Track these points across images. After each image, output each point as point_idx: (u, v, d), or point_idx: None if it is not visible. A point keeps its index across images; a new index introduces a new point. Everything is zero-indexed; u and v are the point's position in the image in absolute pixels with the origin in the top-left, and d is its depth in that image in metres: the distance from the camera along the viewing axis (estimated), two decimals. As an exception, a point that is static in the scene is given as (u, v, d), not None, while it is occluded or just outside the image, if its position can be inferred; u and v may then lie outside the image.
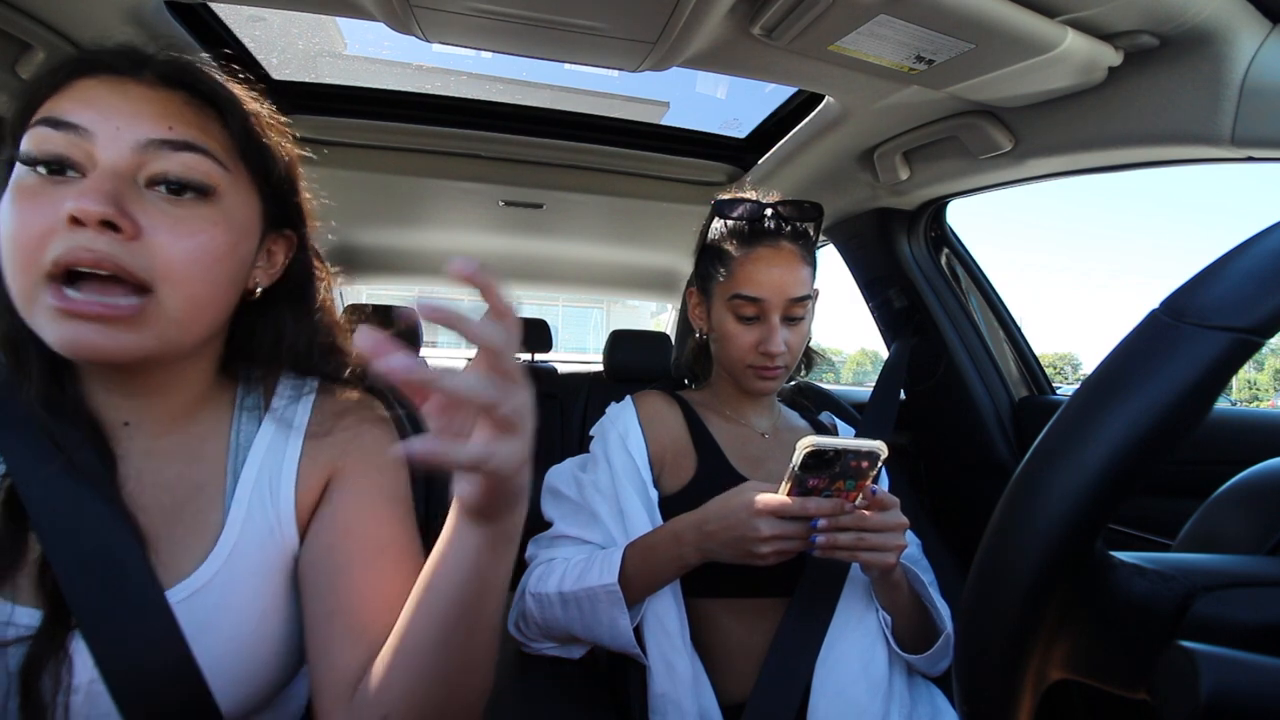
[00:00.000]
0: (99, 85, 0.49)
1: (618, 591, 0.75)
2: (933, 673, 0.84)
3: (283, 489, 0.59)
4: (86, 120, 0.47)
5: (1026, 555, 0.30)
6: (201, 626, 0.51)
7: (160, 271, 0.48)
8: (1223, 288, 0.29)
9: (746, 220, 0.89)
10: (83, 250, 0.45)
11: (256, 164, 0.56)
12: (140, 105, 0.49)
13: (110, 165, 0.47)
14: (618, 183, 1.58)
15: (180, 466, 0.56)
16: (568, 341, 18.79)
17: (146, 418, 0.56)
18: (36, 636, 0.47)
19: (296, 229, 0.62)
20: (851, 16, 0.74)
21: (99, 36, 0.88)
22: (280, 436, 0.60)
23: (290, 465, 0.59)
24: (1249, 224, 36.20)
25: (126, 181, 0.48)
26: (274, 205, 0.58)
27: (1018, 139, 0.98)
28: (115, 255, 0.46)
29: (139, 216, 0.47)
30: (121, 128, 0.48)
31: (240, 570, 0.54)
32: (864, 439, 0.66)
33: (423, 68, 1.52)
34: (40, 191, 0.46)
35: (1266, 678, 0.27)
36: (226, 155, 0.53)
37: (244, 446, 0.59)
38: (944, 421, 1.43)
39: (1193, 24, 0.70)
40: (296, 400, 0.63)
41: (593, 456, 0.93)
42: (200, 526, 0.55)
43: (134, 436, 0.55)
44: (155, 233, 0.48)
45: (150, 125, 0.49)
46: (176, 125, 0.50)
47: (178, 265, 0.48)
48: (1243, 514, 0.42)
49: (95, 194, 0.45)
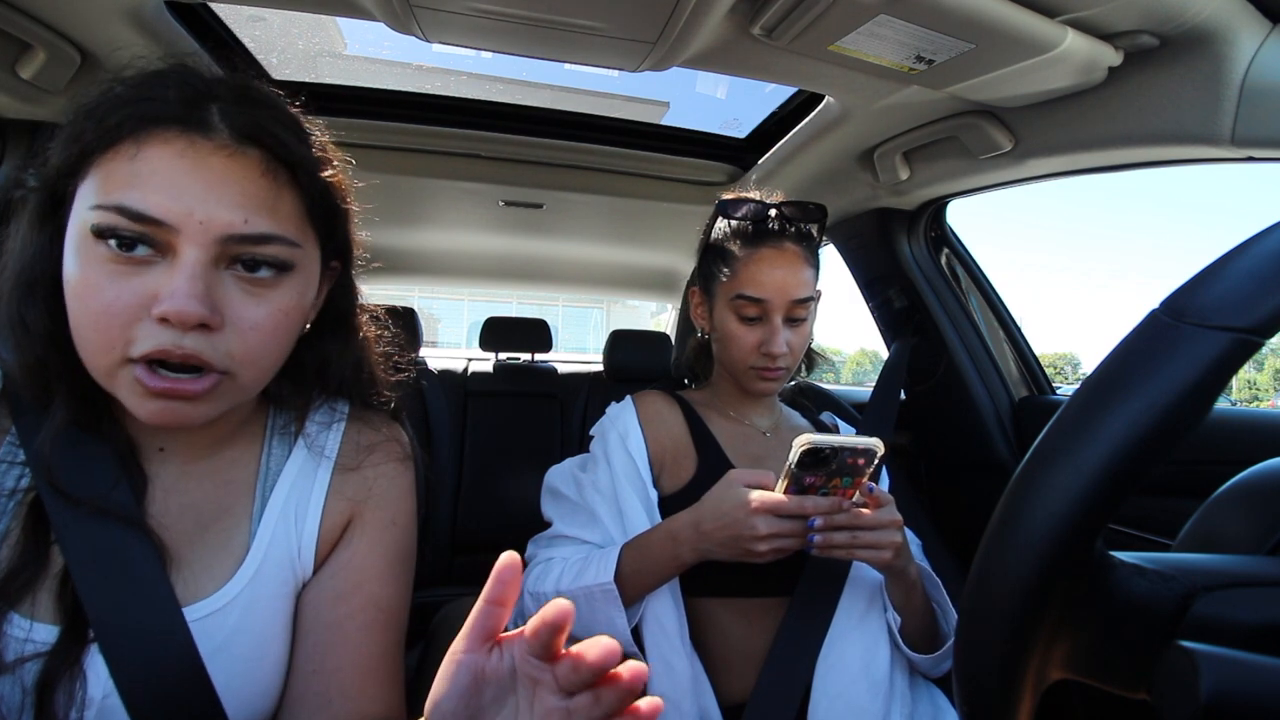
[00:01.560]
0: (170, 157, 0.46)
1: (614, 590, 0.75)
2: (936, 674, 0.84)
3: (308, 519, 0.59)
4: (167, 213, 0.45)
5: (1026, 555, 0.30)
6: (218, 646, 0.51)
7: (239, 357, 0.49)
8: (1223, 288, 0.29)
9: (750, 220, 0.89)
10: (174, 347, 0.45)
11: (325, 224, 0.55)
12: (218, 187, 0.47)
13: (197, 263, 0.46)
14: (618, 183, 1.58)
15: (210, 489, 0.57)
16: (568, 341, 18.80)
17: (183, 444, 0.57)
18: (52, 652, 0.47)
19: (344, 260, 0.62)
20: (851, 16, 0.74)
21: (99, 36, 0.89)
22: (310, 464, 0.61)
23: (319, 496, 0.60)
24: (1249, 224, 36.20)
25: (212, 275, 0.47)
26: (330, 248, 0.58)
27: (1018, 139, 0.98)
28: (201, 351, 0.46)
29: (222, 307, 0.47)
30: (204, 221, 0.46)
31: (261, 594, 0.55)
32: (860, 436, 0.66)
33: (423, 68, 1.52)
34: (118, 272, 0.45)
35: (1266, 678, 0.27)
36: (300, 228, 0.52)
37: (274, 471, 0.59)
38: (944, 421, 1.43)
39: (1193, 24, 0.70)
40: (328, 427, 0.63)
41: (592, 456, 0.93)
42: (225, 548, 0.55)
43: (168, 461, 0.56)
44: (236, 319, 0.48)
45: (229, 215, 0.47)
46: (252, 214, 0.48)
47: (255, 348, 0.49)
48: (1243, 514, 0.42)
49: (189, 295, 0.45)
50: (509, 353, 2.02)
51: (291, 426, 0.62)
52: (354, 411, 0.65)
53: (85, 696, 0.47)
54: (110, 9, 0.84)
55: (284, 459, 0.60)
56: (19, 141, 1.01)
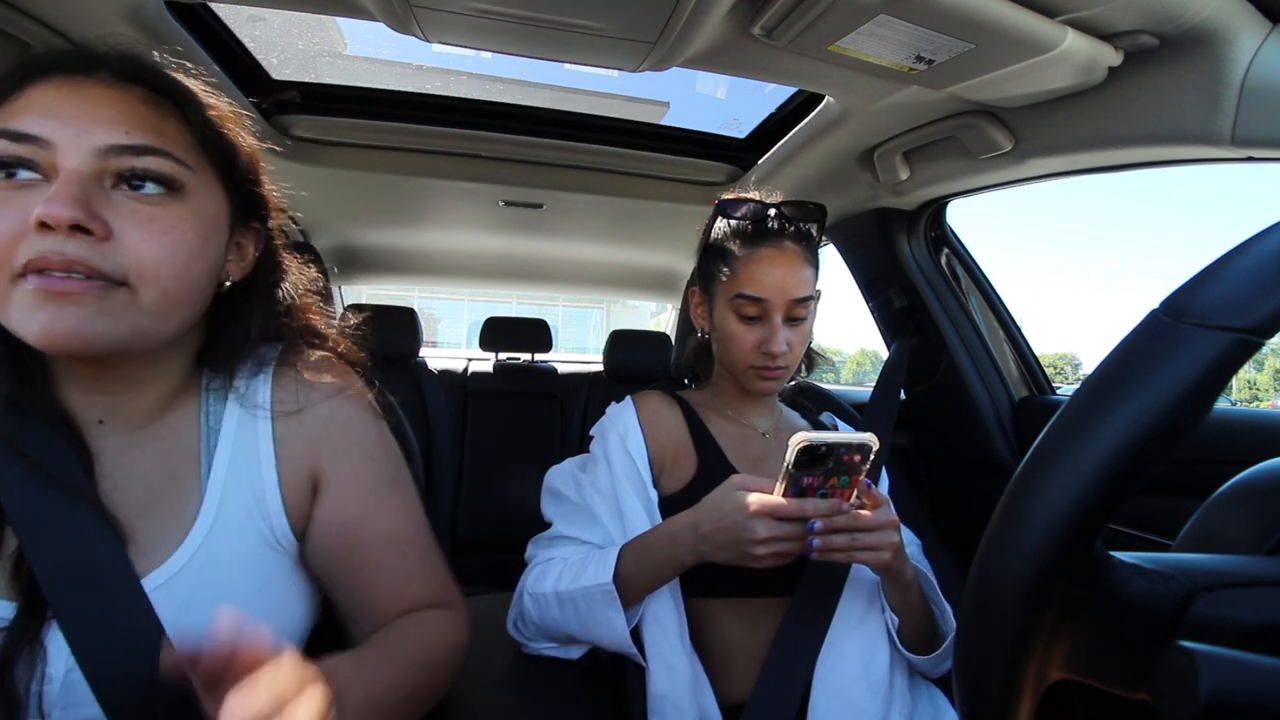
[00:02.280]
0: (53, 90, 0.49)
1: (612, 591, 0.75)
2: (935, 674, 0.84)
3: (263, 473, 0.59)
4: (45, 130, 0.47)
5: (1026, 555, 0.30)
6: (178, 611, 0.51)
7: (133, 269, 0.48)
8: (1223, 288, 0.29)
9: (750, 220, 0.89)
10: (53, 253, 0.45)
11: (219, 158, 0.56)
12: (97, 109, 0.49)
13: (74, 170, 0.47)
14: (618, 183, 1.58)
15: (156, 458, 0.57)
16: (568, 341, 18.79)
17: (121, 414, 0.56)
18: (10, 628, 0.48)
19: (263, 221, 0.62)
20: (851, 16, 0.74)
21: (99, 37, 0.88)
22: (248, 418, 0.60)
23: (266, 448, 0.59)
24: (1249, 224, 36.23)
25: (92, 185, 0.48)
26: (240, 199, 0.59)
27: (1018, 139, 0.98)
28: (87, 257, 0.46)
29: (109, 218, 0.48)
30: (80, 134, 0.48)
31: (218, 553, 0.55)
32: (855, 433, 0.66)
33: (423, 68, 1.53)
34: (5, 198, 0.46)
35: (1266, 678, 0.27)
36: (188, 152, 0.53)
37: (214, 430, 0.59)
38: (944, 421, 1.43)
39: (1193, 24, 0.70)
40: (255, 377, 0.62)
41: (592, 457, 0.93)
42: (178, 514, 0.55)
43: (109, 434, 0.56)
44: (125, 233, 0.48)
45: (107, 130, 0.48)
46: (134, 129, 0.49)
47: (150, 261, 0.49)
48: (1243, 514, 0.42)
49: (63, 199, 0.45)
50: (509, 353, 2.02)
51: (225, 383, 0.61)
52: (283, 357, 0.64)
53: (45, 672, 0.48)
54: (110, 9, 0.84)
55: (221, 414, 0.60)
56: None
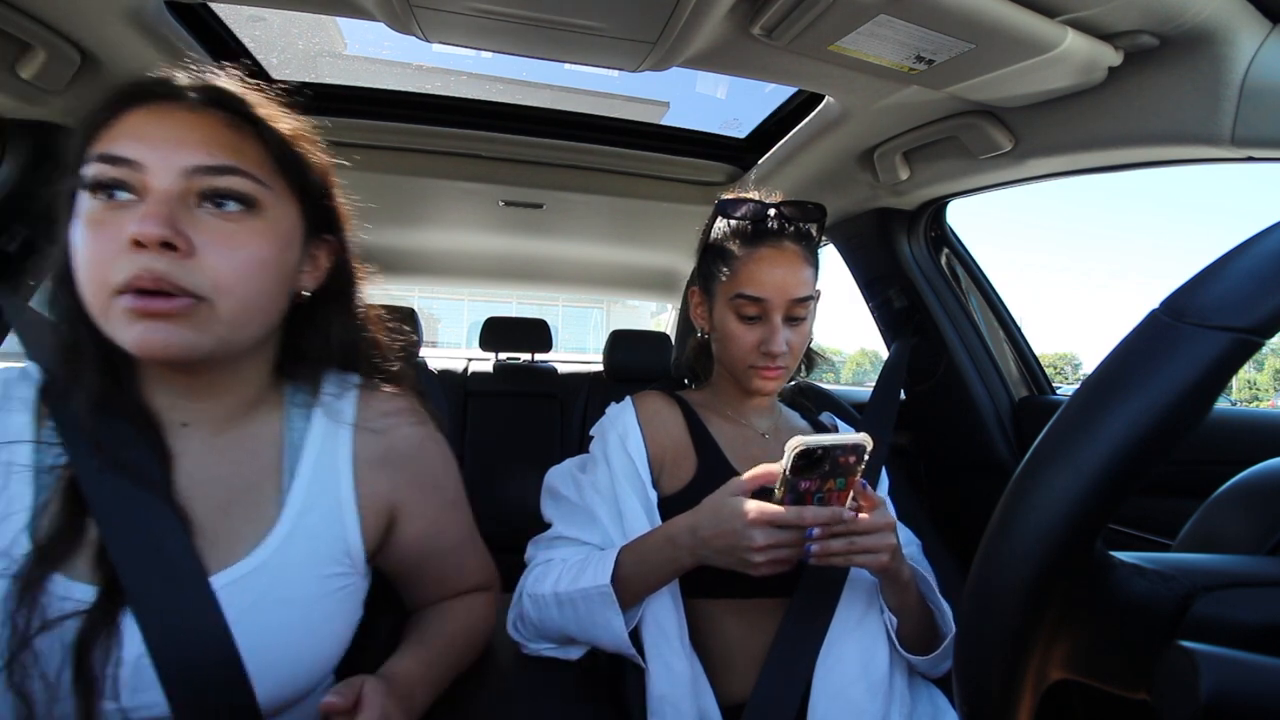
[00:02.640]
0: (143, 117, 0.54)
1: (610, 592, 0.75)
2: (935, 674, 0.84)
3: (341, 488, 0.63)
4: (137, 153, 0.52)
5: (1026, 555, 0.30)
6: (245, 609, 0.54)
7: (212, 283, 0.53)
8: (1223, 288, 0.29)
9: (750, 220, 0.89)
10: (145, 273, 0.50)
11: (293, 175, 0.60)
12: (183, 132, 0.54)
13: (162, 191, 0.52)
14: (618, 183, 1.58)
15: (235, 463, 0.61)
16: (568, 341, 18.78)
17: (204, 418, 0.61)
18: (90, 611, 0.51)
19: (336, 233, 0.67)
20: (851, 16, 0.73)
21: (99, 36, 0.89)
22: (331, 429, 0.65)
23: (345, 461, 0.64)
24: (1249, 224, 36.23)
25: (178, 204, 0.53)
26: (313, 212, 0.63)
27: (1018, 139, 0.98)
28: (173, 274, 0.51)
29: (192, 234, 0.52)
30: (168, 156, 0.53)
31: (292, 558, 0.58)
32: (848, 433, 0.66)
33: (423, 68, 1.53)
34: (104, 219, 0.52)
35: (1266, 678, 0.27)
36: (264, 170, 0.57)
37: (297, 442, 0.64)
38: (944, 421, 1.43)
39: (1193, 24, 0.70)
40: (341, 395, 0.67)
41: (592, 457, 0.93)
42: (253, 518, 0.59)
43: (191, 436, 0.60)
44: (207, 248, 0.53)
45: (192, 152, 0.53)
46: (216, 150, 0.54)
47: (227, 275, 0.54)
48: (1243, 514, 0.42)
49: (154, 218, 0.50)
50: (509, 353, 2.02)
51: (308, 399, 0.66)
52: (364, 382, 0.70)
53: (120, 655, 0.51)
54: (110, 9, 0.84)
55: (305, 430, 0.64)
56: (19, 141, 1.01)
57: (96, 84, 0.95)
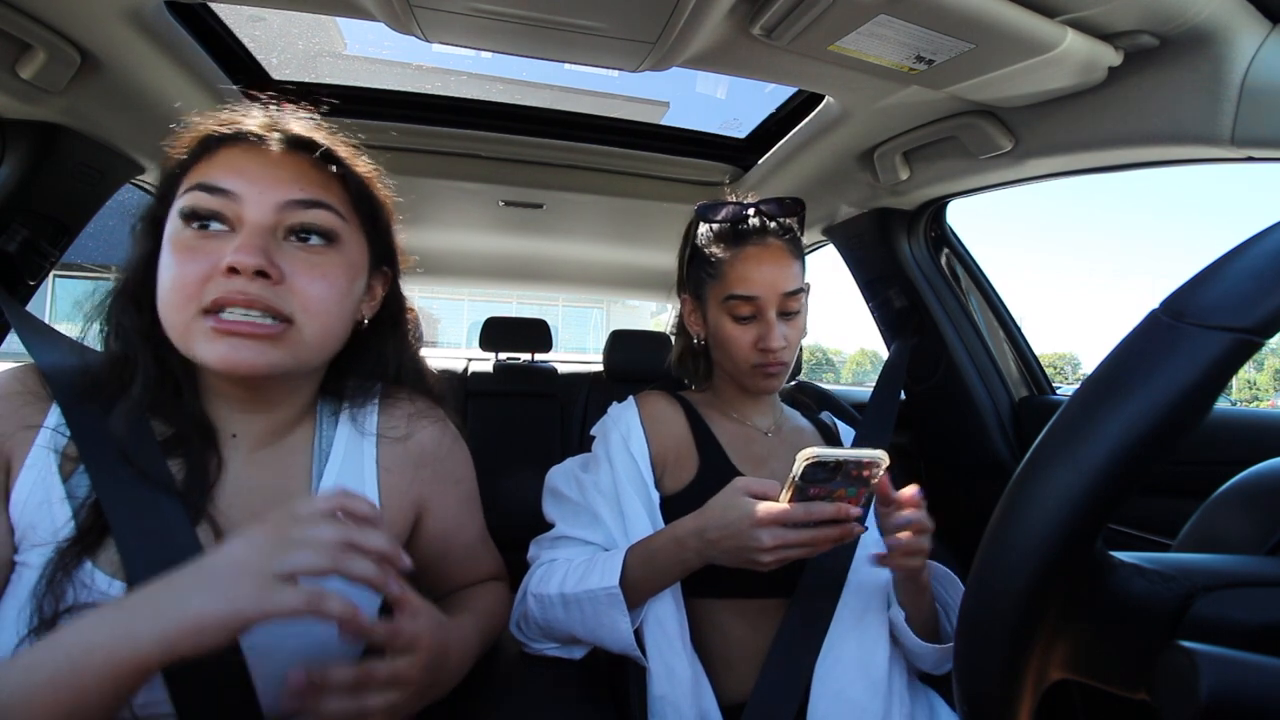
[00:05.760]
0: (240, 153, 0.59)
1: (618, 594, 0.75)
2: (939, 671, 0.84)
3: (366, 490, 0.67)
4: (235, 185, 0.57)
5: (1026, 555, 0.30)
6: None
7: (299, 307, 0.58)
8: (1223, 288, 0.29)
9: (731, 222, 0.90)
10: (238, 293, 0.54)
11: (366, 212, 0.66)
12: (277, 170, 0.59)
13: (257, 223, 0.57)
14: (618, 183, 1.58)
15: (272, 474, 0.64)
16: (568, 341, 18.76)
17: (254, 430, 0.65)
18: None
19: (393, 266, 0.73)
20: (851, 16, 0.73)
21: (99, 36, 0.88)
22: (355, 440, 0.69)
23: (370, 469, 0.69)
24: (1249, 224, 36.18)
25: (269, 236, 0.57)
26: (378, 246, 0.69)
27: (1018, 139, 0.98)
28: (265, 297, 0.56)
29: (281, 264, 0.57)
30: (264, 191, 0.57)
31: None
32: (865, 448, 0.65)
33: (423, 68, 1.52)
34: (197, 245, 0.56)
35: (1266, 678, 0.27)
36: (344, 207, 0.63)
37: (325, 451, 0.68)
38: (944, 421, 1.42)
39: (1193, 24, 0.70)
40: (364, 405, 0.72)
41: (594, 457, 0.93)
42: None
43: (239, 447, 0.64)
44: (294, 277, 0.58)
45: (285, 187, 0.58)
46: (305, 186, 0.59)
47: (313, 302, 0.59)
48: (1243, 514, 0.42)
49: (249, 249, 0.55)
50: (509, 353, 2.02)
51: (336, 407, 0.71)
52: (386, 390, 0.75)
53: None
54: (110, 9, 0.84)
55: (332, 437, 0.69)
56: (19, 141, 1.01)
57: (96, 84, 0.95)
